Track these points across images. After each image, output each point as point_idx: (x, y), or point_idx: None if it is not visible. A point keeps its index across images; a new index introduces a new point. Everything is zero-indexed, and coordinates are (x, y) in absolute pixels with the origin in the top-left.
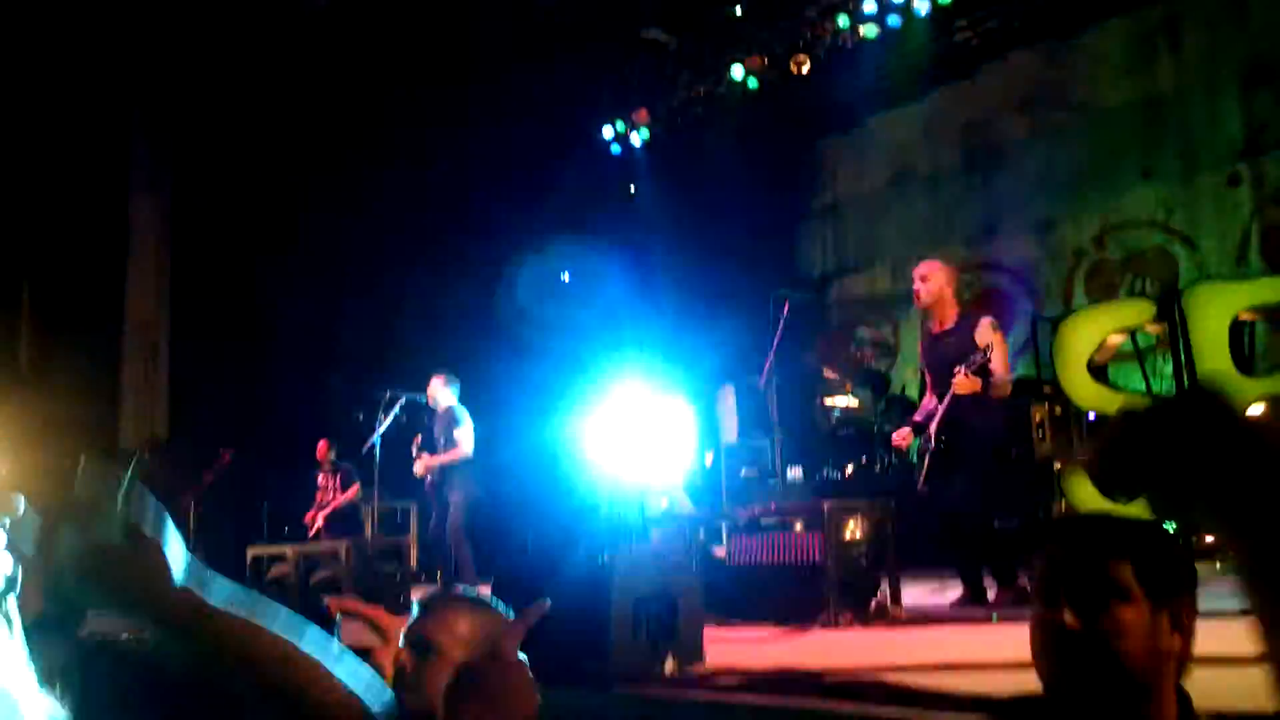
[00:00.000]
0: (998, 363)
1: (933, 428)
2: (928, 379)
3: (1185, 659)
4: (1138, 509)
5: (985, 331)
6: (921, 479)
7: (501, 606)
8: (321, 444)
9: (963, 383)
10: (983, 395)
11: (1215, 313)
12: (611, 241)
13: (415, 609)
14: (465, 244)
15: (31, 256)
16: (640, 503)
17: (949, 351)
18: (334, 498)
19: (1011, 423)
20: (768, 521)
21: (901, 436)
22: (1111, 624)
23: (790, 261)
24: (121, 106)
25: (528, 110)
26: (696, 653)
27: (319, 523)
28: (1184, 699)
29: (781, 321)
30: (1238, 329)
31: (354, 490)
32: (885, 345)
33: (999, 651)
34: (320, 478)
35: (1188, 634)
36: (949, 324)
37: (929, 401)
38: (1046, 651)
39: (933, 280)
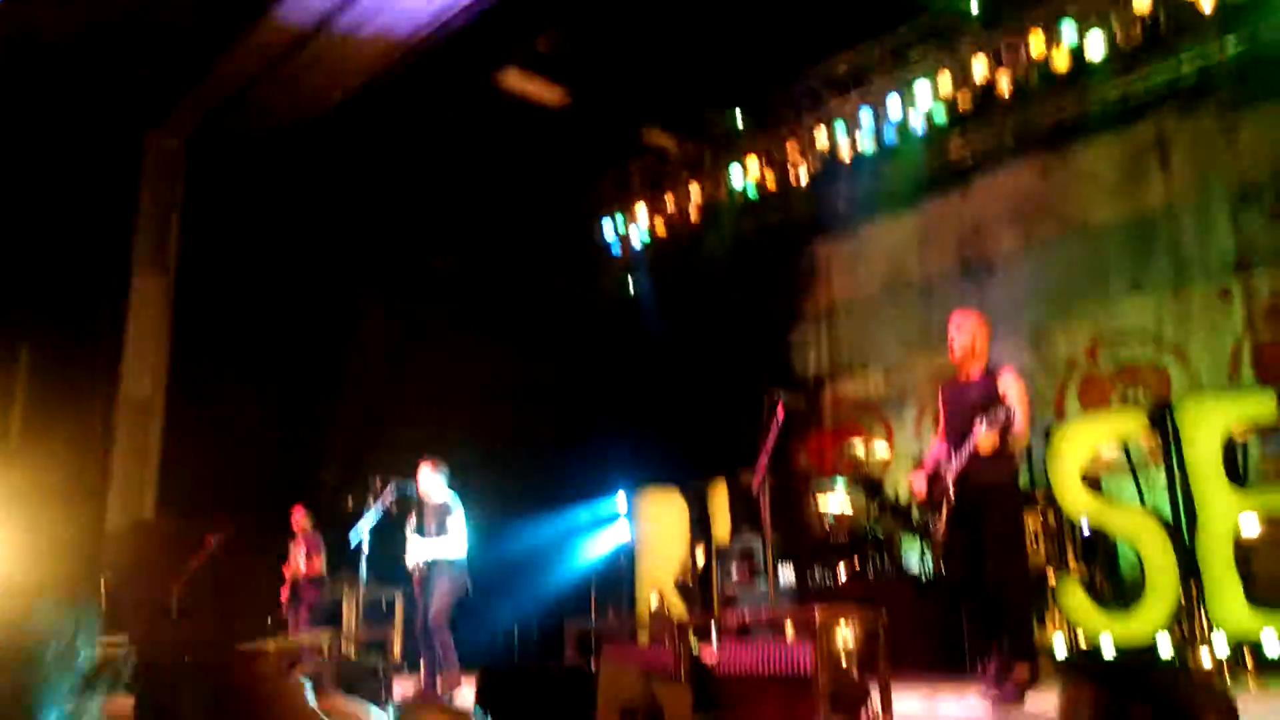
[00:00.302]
0: (1019, 415)
1: (951, 477)
2: (942, 424)
3: None
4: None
5: (1008, 383)
6: (941, 527)
7: (479, 714)
8: (296, 510)
9: (985, 438)
10: (1001, 448)
11: (1208, 426)
12: (609, 338)
13: (392, 716)
14: (463, 336)
15: (32, 320)
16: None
17: (973, 401)
18: (303, 568)
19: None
20: (758, 628)
21: (917, 483)
22: None
23: (784, 362)
24: (129, 185)
25: (529, 206)
26: None
27: (286, 592)
28: None
29: (775, 422)
30: (1231, 444)
31: (319, 562)
32: (878, 450)
33: None
34: (292, 545)
35: None
36: (975, 376)
37: (940, 449)
38: None
39: (965, 331)
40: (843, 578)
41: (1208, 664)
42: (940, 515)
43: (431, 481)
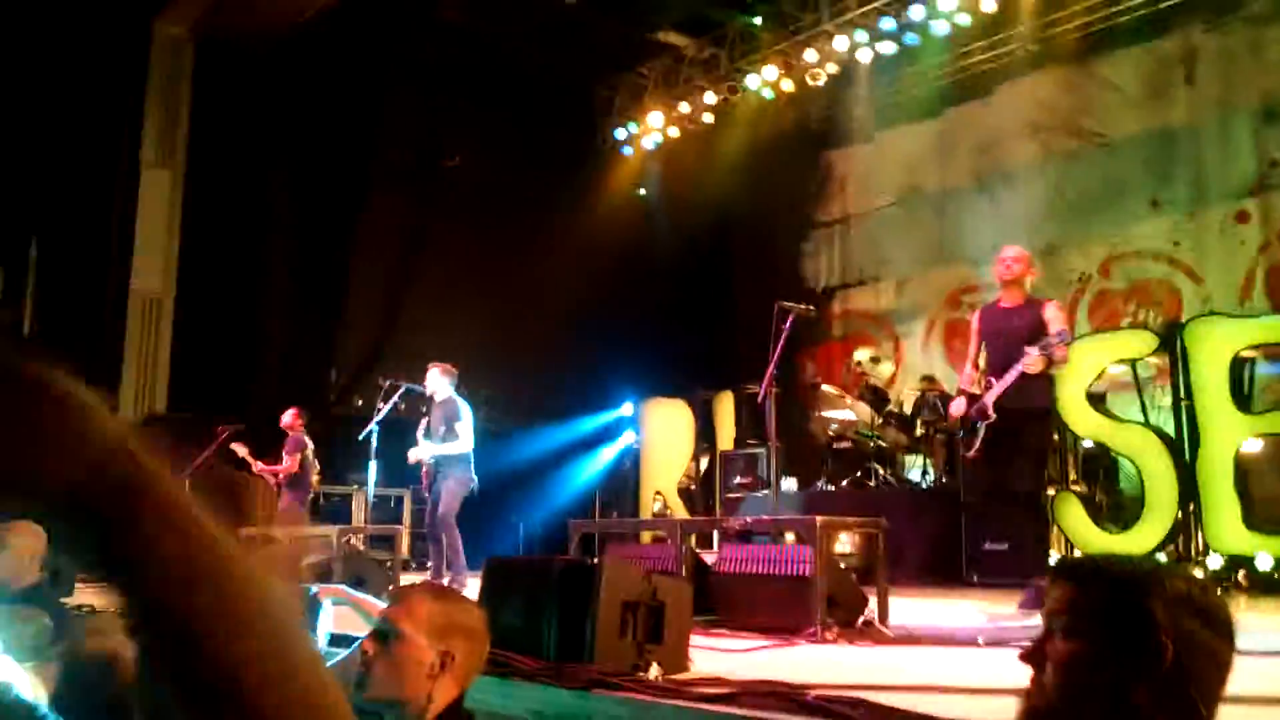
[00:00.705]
0: (1062, 332)
1: (993, 399)
2: (976, 349)
3: (1183, 703)
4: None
5: (1054, 313)
6: (977, 447)
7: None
8: (288, 413)
9: (1035, 362)
10: (1044, 372)
11: (1216, 347)
12: (617, 239)
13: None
14: (476, 236)
15: (41, 214)
16: None
17: (1017, 327)
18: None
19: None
20: (760, 532)
21: (956, 408)
22: (1074, 667)
23: (795, 272)
24: (137, 75)
25: (541, 106)
26: (682, 661)
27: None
28: None
29: (784, 333)
30: (1238, 365)
31: (294, 461)
32: (885, 361)
33: (984, 676)
34: (284, 445)
35: (1166, 670)
36: (1018, 303)
37: (971, 375)
38: (1031, 680)
39: (1018, 264)
40: (845, 487)
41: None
42: (977, 436)
43: (440, 383)
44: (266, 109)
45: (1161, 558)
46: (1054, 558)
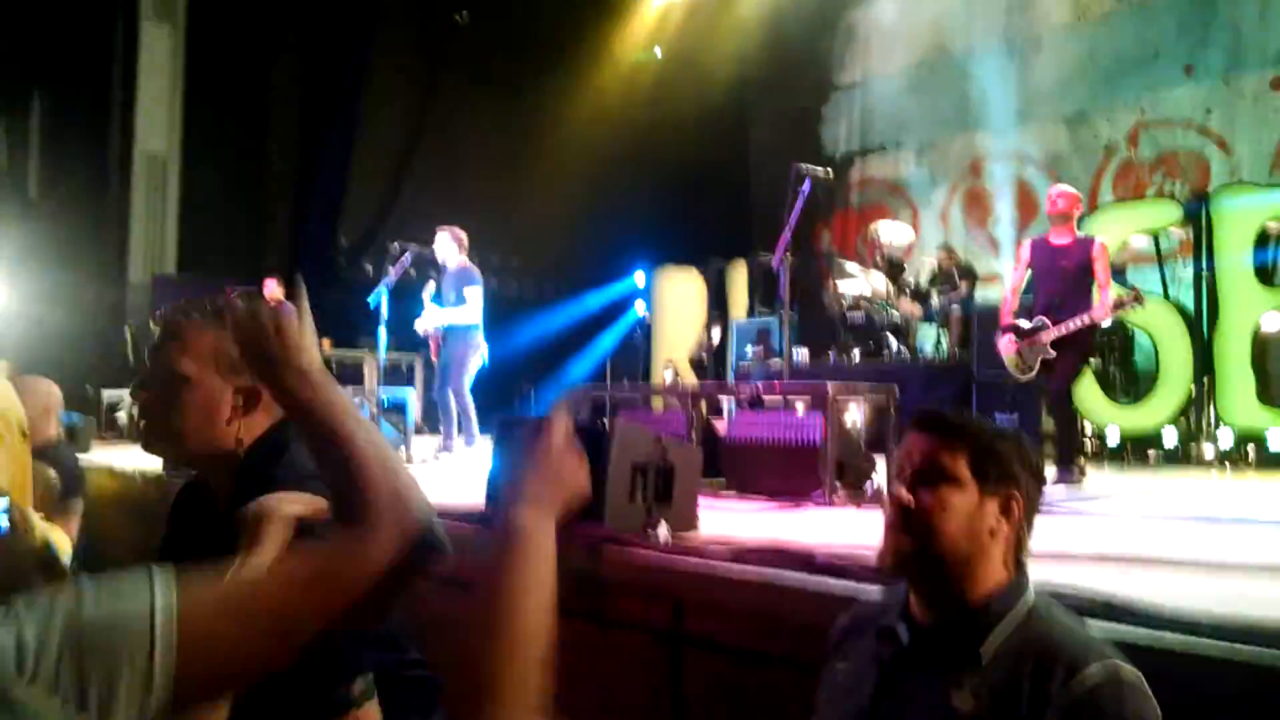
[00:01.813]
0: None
1: (1049, 338)
2: (1022, 279)
3: (1016, 540)
4: None
5: (1100, 253)
6: (1032, 376)
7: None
8: (268, 281)
9: (1101, 314)
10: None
11: (1243, 219)
12: (631, 102)
13: None
14: (486, 97)
15: (43, 66)
16: None
17: (1064, 266)
18: None
19: None
20: (770, 400)
21: (1006, 346)
22: (938, 504)
23: (812, 138)
24: None
25: None
26: (690, 521)
27: None
28: (1020, 573)
29: (800, 199)
30: (1264, 238)
31: None
32: (902, 233)
33: None
34: None
35: (1017, 520)
36: (1066, 240)
37: (1009, 302)
38: (887, 524)
39: (1063, 199)
40: (857, 359)
41: (1208, 455)
42: (1032, 369)
43: (449, 249)
44: None
45: (1173, 431)
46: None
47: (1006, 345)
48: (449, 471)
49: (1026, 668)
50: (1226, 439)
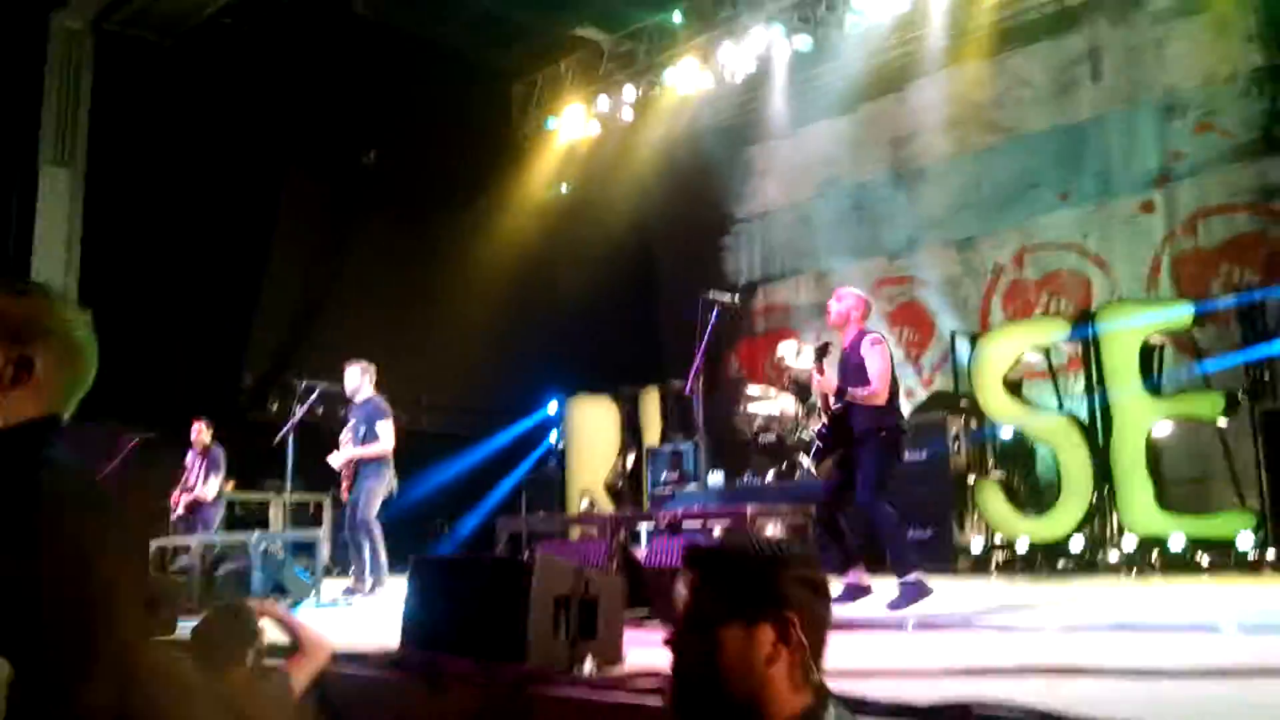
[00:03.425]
0: (871, 373)
1: (820, 427)
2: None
3: (805, 662)
4: None
5: (867, 345)
6: (830, 465)
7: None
8: (196, 424)
9: (823, 381)
10: (852, 402)
11: (1126, 333)
12: (539, 236)
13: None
14: (394, 233)
15: None
16: None
17: (846, 362)
18: (194, 485)
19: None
20: (689, 525)
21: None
22: (709, 644)
23: (717, 268)
24: (34, 70)
25: (460, 104)
26: (617, 654)
27: (179, 510)
28: (817, 695)
29: (710, 326)
30: (1147, 350)
31: (213, 485)
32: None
33: (910, 658)
34: (188, 458)
35: (796, 642)
36: (849, 341)
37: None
38: (669, 669)
39: (842, 302)
40: (770, 479)
41: (1114, 560)
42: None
43: (359, 381)
44: (173, 104)
45: (1080, 540)
46: (976, 546)
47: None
48: (360, 613)
49: None
50: (1130, 544)
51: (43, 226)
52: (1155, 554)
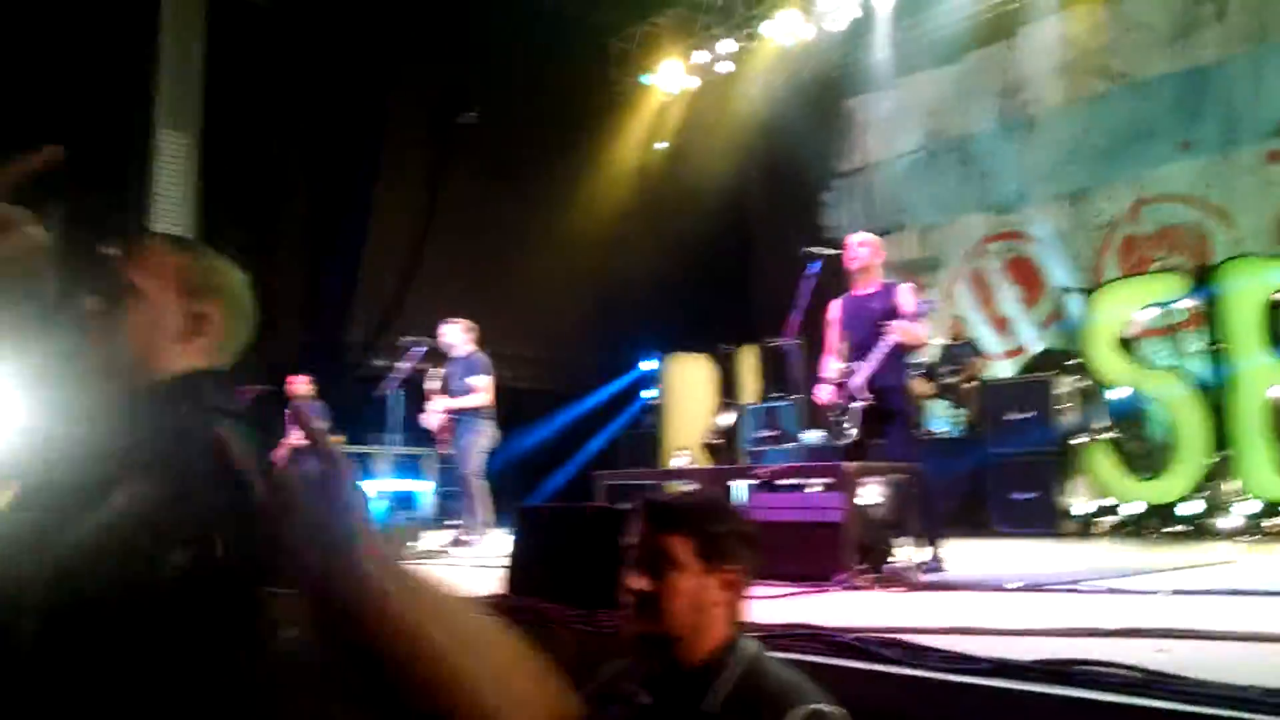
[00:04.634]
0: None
1: (860, 380)
2: (837, 336)
3: (736, 607)
4: None
5: (907, 296)
6: (860, 429)
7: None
8: (294, 380)
9: (907, 330)
10: (904, 350)
11: (1250, 289)
12: (636, 194)
13: None
14: (493, 192)
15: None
16: None
17: (873, 311)
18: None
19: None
20: (786, 482)
21: (826, 394)
22: (665, 589)
23: (816, 223)
24: (149, 39)
25: (558, 62)
26: None
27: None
28: (738, 630)
29: (810, 282)
30: (1272, 307)
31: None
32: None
33: (1013, 618)
34: (287, 415)
35: (737, 591)
36: (872, 289)
37: (829, 361)
38: (622, 609)
39: (864, 248)
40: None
41: (1229, 526)
42: (854, 421)
43: (458, 338)
44: (279, 67)
45: (1199, 503)
46: (1086, 508)
47: (826, 394)
48: (465, 562)
49: (752, 714)
50: (1247, 509)
51: (161, 189)
52: (1274, 520)
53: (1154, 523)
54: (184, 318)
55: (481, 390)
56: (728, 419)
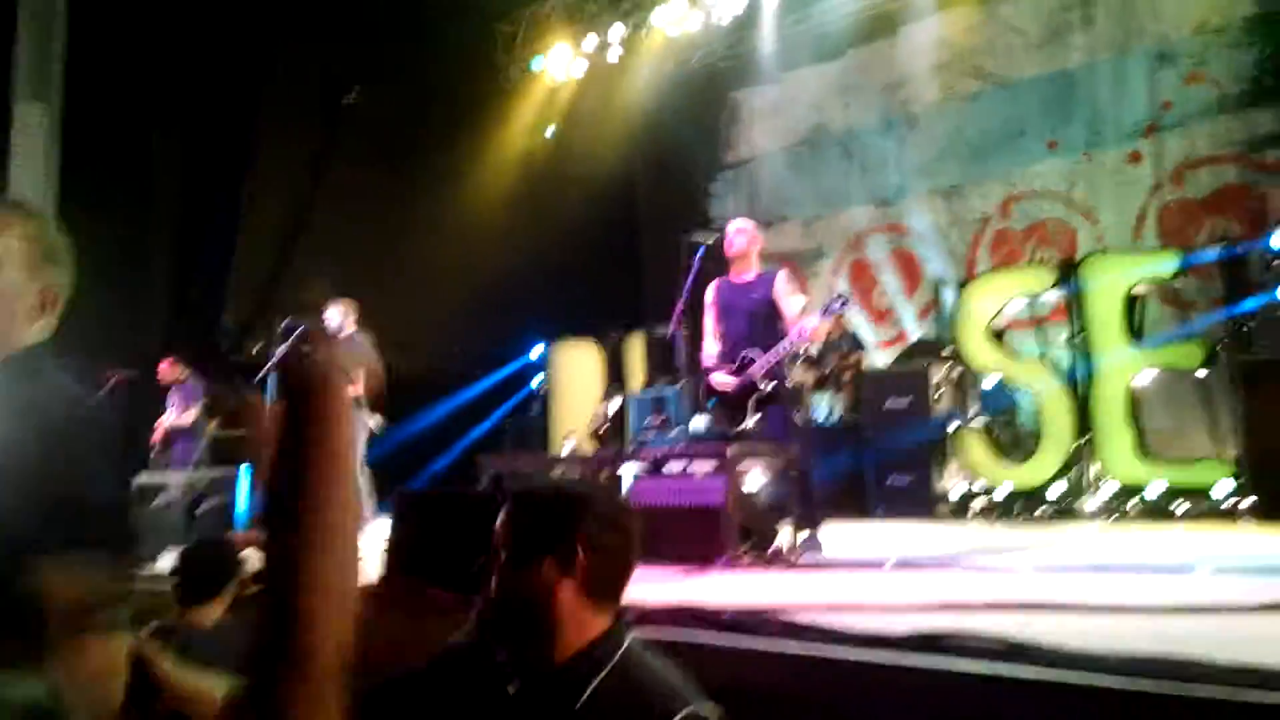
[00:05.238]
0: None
1: (759, 370)
2: (715, 321)
3: (592, 590)
4: None
5: (784, 285)
6: (754, 419)
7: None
8: (163, 364)
9: (821, 326)
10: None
11: (1111, 283)
12: (523, 179)
13: None
14: (376, 175)
15: None
16: None
17: (750, 301)
18: (173, 419)
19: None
20: (671, 467)
21: (723, 382)
22: (508, 574)
23: (705, 211)
24: (7, 9)
25: (444, 45)
26: None
27: (157, 445)
28: (615, 622)
29: (693, 269)
30: (1131, 301)
31: (189, 414)
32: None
33: (893, 595)
34: (169, 397)
35: (583, 571)
36: (750, 276)
37: (710, 344)
38: (486, 595)
39: (741, 236)
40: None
41: (1092, 508)
42: (745, 412)
43: (338, 321)
44: (149, 40)
45: (1061, 486)
46: (957, 492)
47: (724, 382)
48: None
49: (625, 716)
50: (1109, 492)
51: (18, 163)
52: (1134, 501)
53: (1023, 505)
54: (36, 295)
55: (367, 375)
56: (614, 405)
